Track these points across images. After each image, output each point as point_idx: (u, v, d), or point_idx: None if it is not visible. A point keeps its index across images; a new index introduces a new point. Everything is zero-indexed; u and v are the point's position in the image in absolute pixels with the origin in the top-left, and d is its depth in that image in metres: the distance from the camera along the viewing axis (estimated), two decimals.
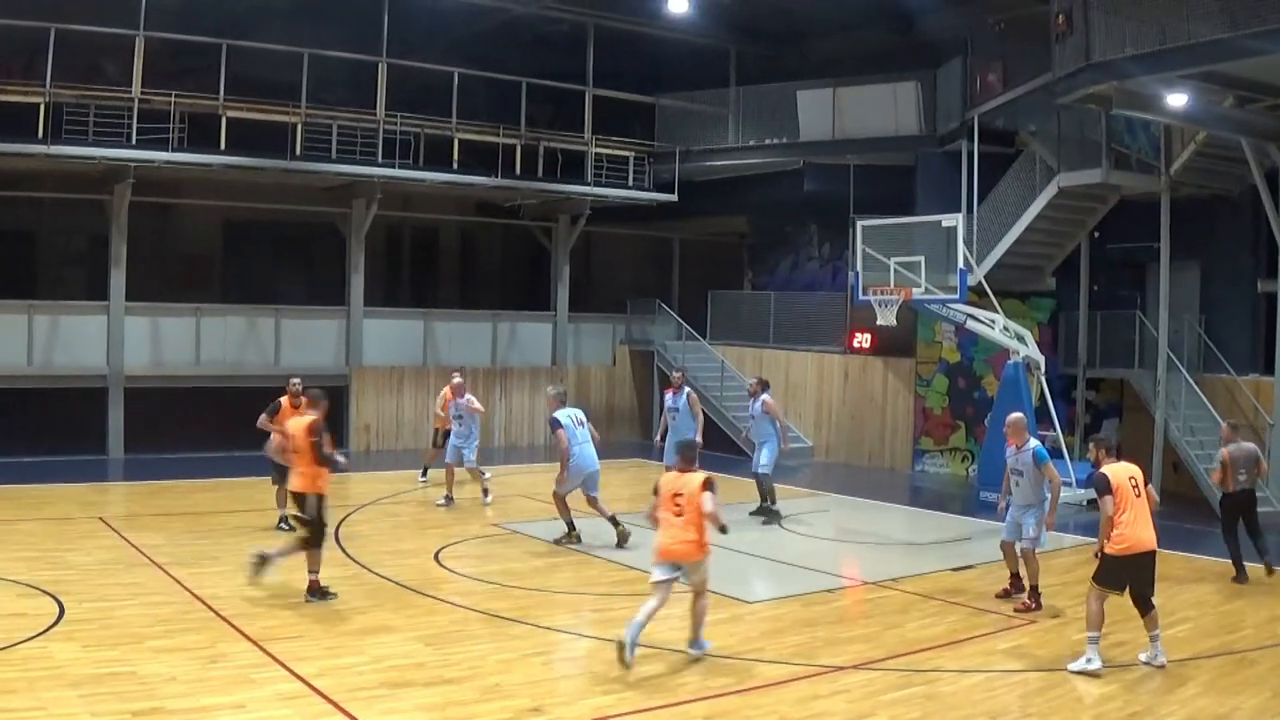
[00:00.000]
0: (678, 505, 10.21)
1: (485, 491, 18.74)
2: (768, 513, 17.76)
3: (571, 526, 15.67)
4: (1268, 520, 18.61)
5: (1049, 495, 13.01)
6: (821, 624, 11.81)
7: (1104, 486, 10.34)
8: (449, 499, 18.36)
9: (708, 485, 10.13)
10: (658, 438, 19.29)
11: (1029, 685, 9.85)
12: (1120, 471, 10.52)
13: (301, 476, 12.26)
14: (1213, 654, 10.92)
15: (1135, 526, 10.25)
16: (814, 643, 11.06)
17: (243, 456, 19.35)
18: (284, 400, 15.65)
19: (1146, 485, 10.60)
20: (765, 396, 18.34)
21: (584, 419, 15.69)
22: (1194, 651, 10.97)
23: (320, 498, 12.13)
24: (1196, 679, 10.06)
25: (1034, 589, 12.64)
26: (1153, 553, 10.40)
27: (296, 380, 16.08)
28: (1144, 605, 10.41)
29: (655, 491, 10.48)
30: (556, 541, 15.48)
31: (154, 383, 23.17)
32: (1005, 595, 13.00)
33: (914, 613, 12.50)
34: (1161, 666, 10.21)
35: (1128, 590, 10.39)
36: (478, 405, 19.15)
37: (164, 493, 18.65)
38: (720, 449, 22.98)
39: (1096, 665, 10.09)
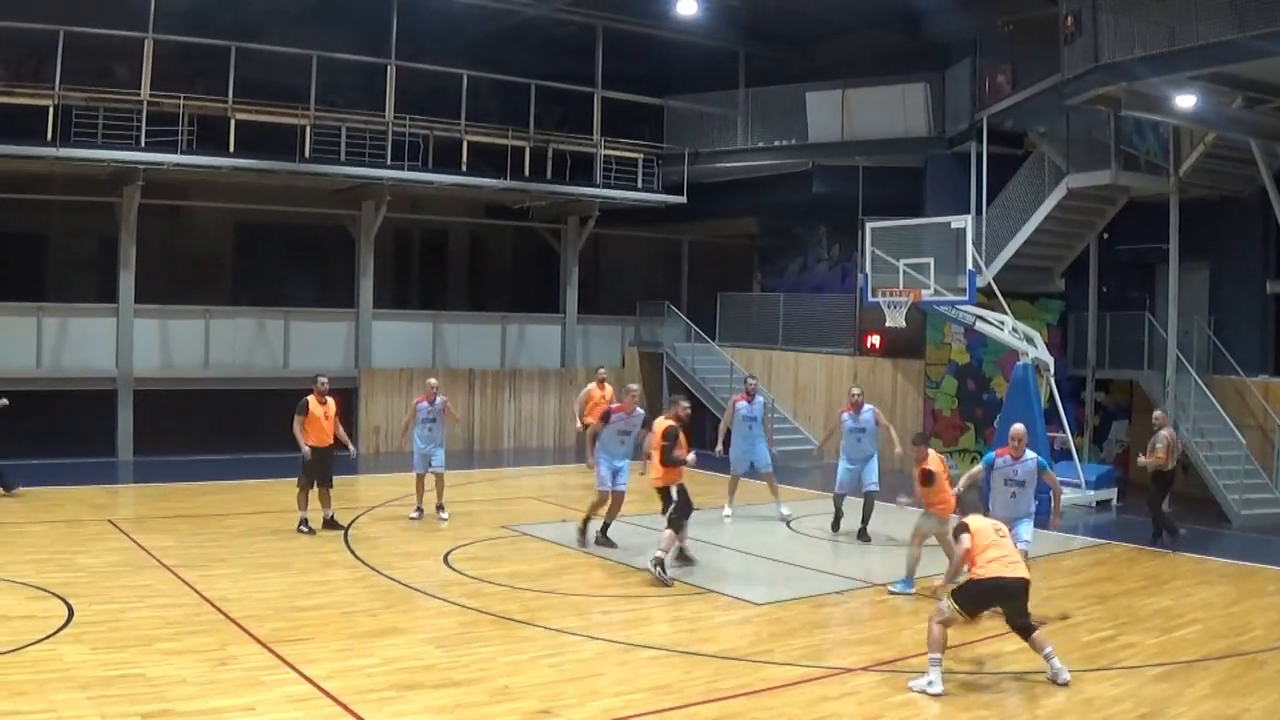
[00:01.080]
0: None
1: (441, 507, 17.35)
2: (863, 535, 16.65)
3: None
4: (1269, 521, 18.68)
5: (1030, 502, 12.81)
6: (831, 626, 11.81)
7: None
8: (420, 511, 17.23)
9: None
10: (719, 447, 18.93)
11: (1038, 686, 9.82)
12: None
13: (663, 475, 14.12)
14: (1222, 655, 10.89)
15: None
16: (823, 644, 11.06)
17: (252, 458, 19.41)
18: (311, 399, 15.75)
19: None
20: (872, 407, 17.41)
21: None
22: (1203, 653, 10.95)
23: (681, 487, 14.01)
24: (1205, 680, 10.04)
25: None
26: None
27: (324, 379, 16.20)
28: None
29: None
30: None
31: (163, 385, 23.21)
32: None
33: (924, 614, 12.46)
34: (1065, 684, 9.82)
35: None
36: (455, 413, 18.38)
37: (173, 495, 18.67)
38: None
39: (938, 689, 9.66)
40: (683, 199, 27.78)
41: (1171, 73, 16.57)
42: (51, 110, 20.67)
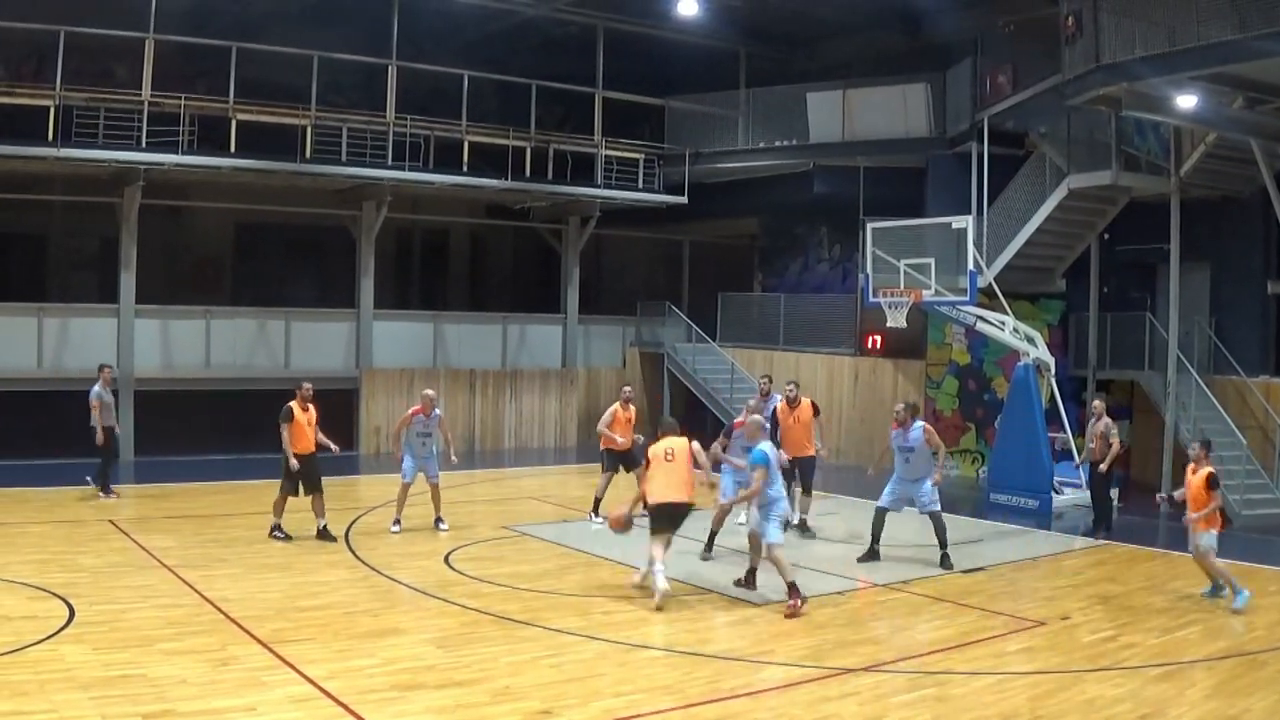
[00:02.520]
0: None
1: (440, 519, 16.74)
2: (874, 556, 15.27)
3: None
4: (1270, 521, 18.67)
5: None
6: (832, 626, 11.79)
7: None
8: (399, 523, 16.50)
9: None
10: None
11: (1039, 687, 9.82)
12: None
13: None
14: (1223, 656, 10.89)
15: None
16: (824, 645, 11.04)
17: (253, 459, 19.40)
18: (295, 405, 15.41)
19: None
20: (923, 422, 15.51)
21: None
22: (1204, 653, 10.95)
23: None
24: (1206, 681, 10.05)
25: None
26: None
27: (309, 385, 15.83)
28: None
29: None
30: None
31: (164, 385, 23.20)
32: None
33: (924, 615, 12.49)
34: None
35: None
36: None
37: (174, 495, 18.68)
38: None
39: None
40: (683, 199, 27.79)
41: (1172, 73, 16.57)
42: (52, 110, 20.68)
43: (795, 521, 16.81)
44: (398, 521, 16.33)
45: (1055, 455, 20.59)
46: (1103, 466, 17.42)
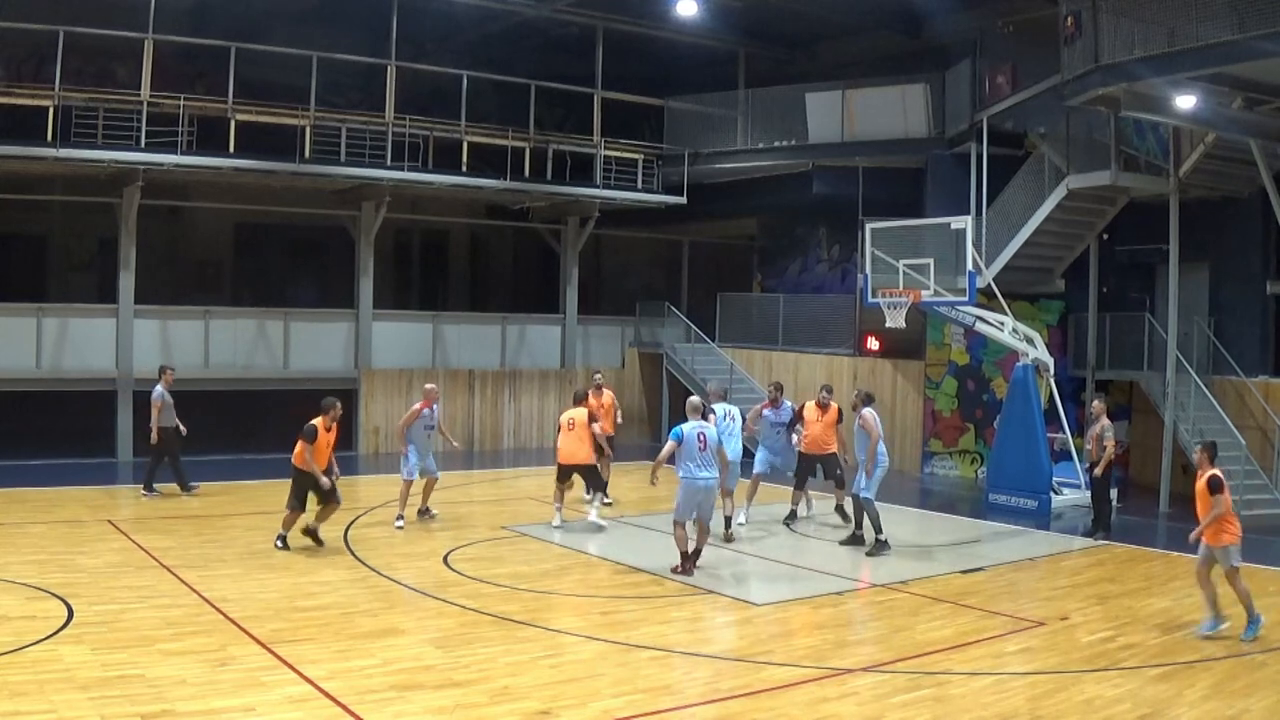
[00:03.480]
0: None
1: (427, 509, 17.37)
2: (857, 540, 16.01)
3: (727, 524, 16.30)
4: (1269, 521, 18.67)
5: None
6: (831, 626, 11.80)
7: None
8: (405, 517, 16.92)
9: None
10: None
11: (1038, 688, 9.83)
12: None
13: None
14: (1222, 656, 10.90)
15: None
16: (823, 645, 11.05)
17: (252, 459, 19.41)
18: (319, 424, 14.62)
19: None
20: (865, 410, 15.97)
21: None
22: (1203, 654, 10.96)
23: None
24: (1205, 681, 10.05)
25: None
26: None
27: (338, 407, 15.11)
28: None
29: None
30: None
31: None
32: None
33: (923, 615, 12.49)
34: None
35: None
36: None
37: (173, 496, 18.64)
38: None
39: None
40: (683, 200, 27.79)
41: (1171, 73, 16.58)
42: (52, 111, 20.67)
43: (808, 513, 18.00)
44: (400, 518, 16.57)
45: (1054, 456, 20.60)
46: (1097, 470, 17.43)
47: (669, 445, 13.56)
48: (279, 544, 14.63)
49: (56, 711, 8.33)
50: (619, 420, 20.08)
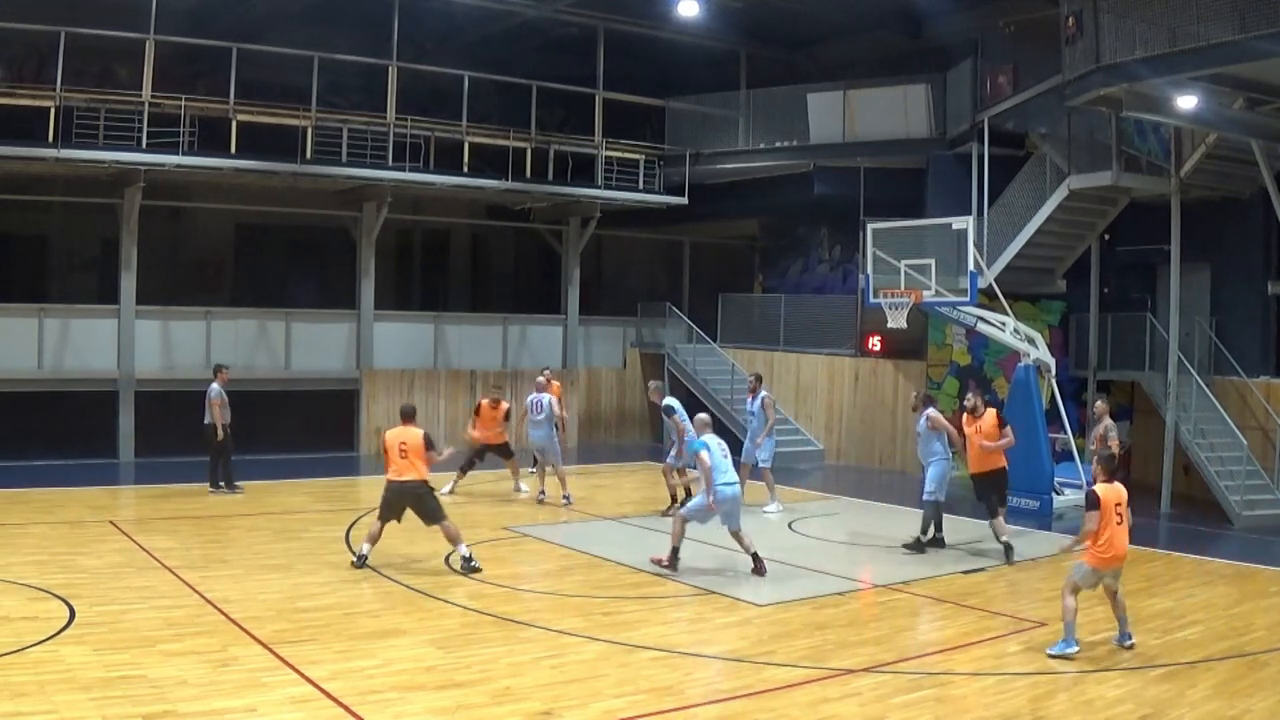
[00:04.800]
0: (1119, 514, 10.81)
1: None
2: (921, 546, 15.89)
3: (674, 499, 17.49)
4: (1270, 522, 18.68)
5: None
6: (832, 627, 11.79)
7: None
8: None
9: None
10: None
11: (1040, 688, 9.82)
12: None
13: None
14: (1223, 656, 10.89)
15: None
16: (825, 646, 11.04)
17: (253, 460, 19.41)
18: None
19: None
20: (930, 411, 16.30)
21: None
22: (1204, 654, 10.95)
23: None
24: (1207, 681, 10.04)
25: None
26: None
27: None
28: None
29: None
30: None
31: (164, 386, 23.19)
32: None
33: (925, 615, 12.49)
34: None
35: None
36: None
37: (174, 496, 18.66)
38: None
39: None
40: (684, 200, 27.79)
41: (1173, 74, 16.57)
42: (53, 111, 20.67)
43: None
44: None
45: (1056, 456, 20.59)
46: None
47: (703, 456, 13.61)
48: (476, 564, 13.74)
49: (58, 712, 8.33)
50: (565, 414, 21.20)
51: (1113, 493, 10.82)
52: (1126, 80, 16.98)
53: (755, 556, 13.80)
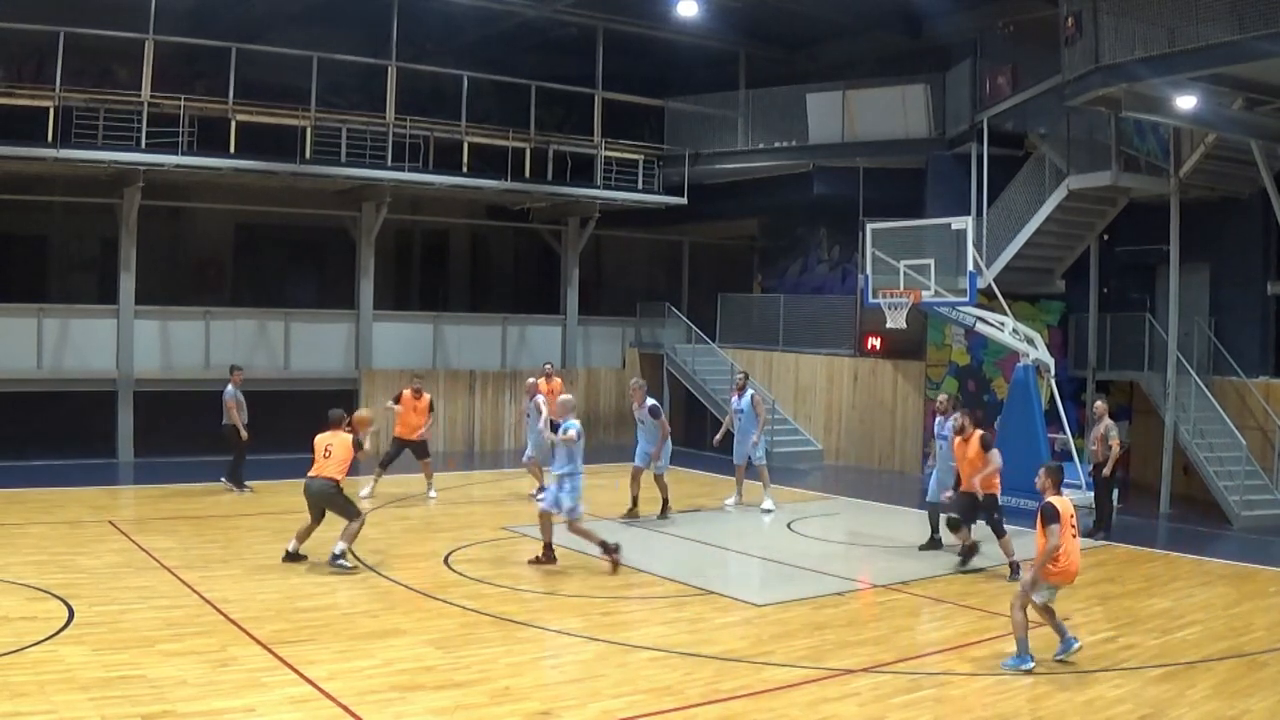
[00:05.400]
0: (1073, 526, 10.48)
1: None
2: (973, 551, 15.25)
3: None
4: (1269, 522, 18.69)
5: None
6: (831, 627, 11.80)
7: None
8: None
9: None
10: (717, 438, 19.62)
11: (1039, 688, 9.83)
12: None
13: None
14: (1222, 656, 10.90)
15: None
16: (824, 646, 11.05)
17: (253, 460, 19.38)
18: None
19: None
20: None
21: None
22: (1203, 654, 10.95)
23: None
24: (1206, 682, 10.04)
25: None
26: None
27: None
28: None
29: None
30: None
31: (163, 386, 23.20)
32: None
33: (924, 616, 12.50)
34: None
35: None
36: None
37: (174, 496, 18.67)
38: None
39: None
40: (683, 200, 27.79)
41: (1172, 74, 16.56)
42: (52, 111, 20.66)
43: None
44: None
45: (1055, 456, 20.57)
46: (1105, 470, 17.41)
47: (572, 435, 14.08)
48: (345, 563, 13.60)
49: (57, 712, 8.33)
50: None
51: (1066, 505, 10.52)
52: (1126, 80, 16.98)
53: (605, 544, 14.01)
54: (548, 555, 14.12)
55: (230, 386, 19.07)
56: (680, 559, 14.82)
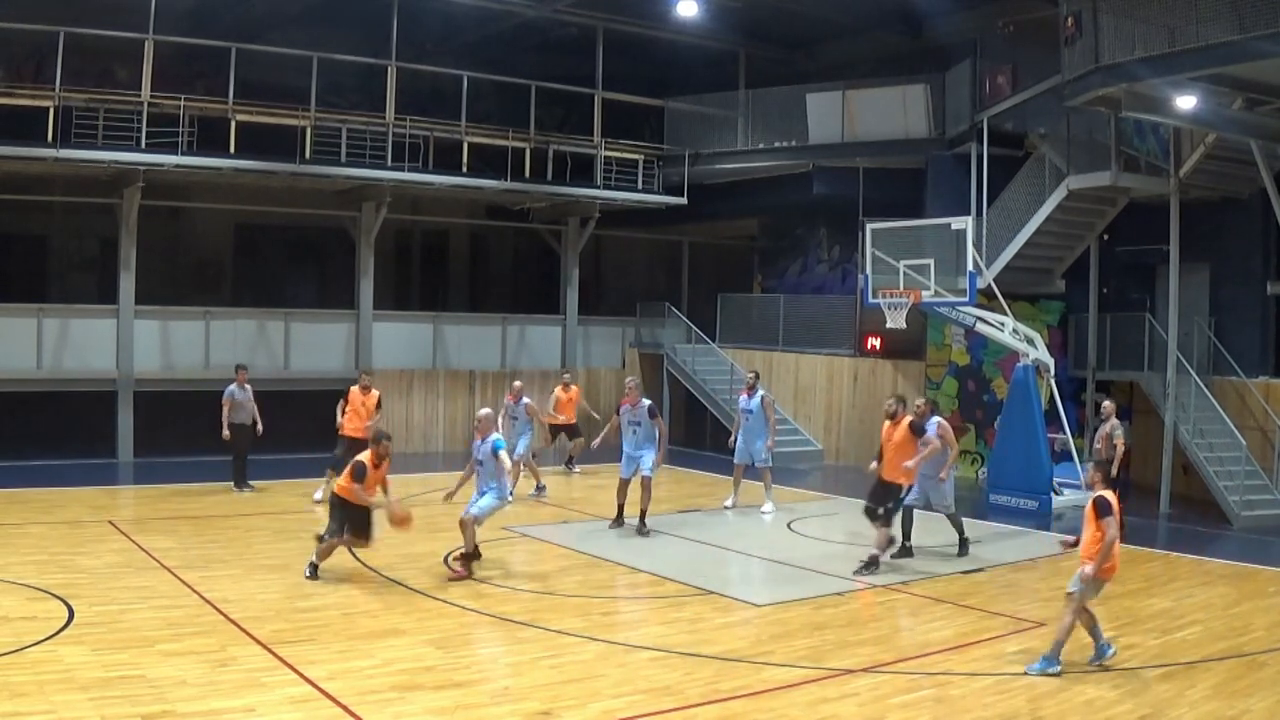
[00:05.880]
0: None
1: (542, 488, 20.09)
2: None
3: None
4: (1269, 522, 18.68)
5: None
6: (831, 627, 11.79)
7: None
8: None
9: None
10: (732, 441, 19.34)
11: (1038, 688, 9.82)
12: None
13: None
14: (1222, 656, 10.89)
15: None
16: (823, 646, 11.05)
17: (253, 460, 19.38)
18: (367, 461, 13.86)
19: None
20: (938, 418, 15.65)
21: None
22: (1203, 654, 10.95)
23: None
24: (1206, 682, 10.04)
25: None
26: None
27: (387, 440, 14.34)
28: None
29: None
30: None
31: (163, 386, 23.21)
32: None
33: (924, 616, 12.49)
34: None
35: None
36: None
37: (173, 496, 18.67)
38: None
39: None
40: (683, 200, 27.79)
41: (1172, 74, 16.57)
42: (52, 111, 20.66)
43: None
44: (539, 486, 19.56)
45: (1055, 456, 20.60)
46: (1113, 472, 17.37)
47: (504, 455, 14.01)
48: (309, 573, 13.21)
49: (57, 712, 8.33)
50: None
51: (1115, 498, 10.41)
52: (1125, 80, 16.98)
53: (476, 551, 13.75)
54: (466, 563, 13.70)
55: (231, 385, 19.05)
56: (680, 559, 14.82)
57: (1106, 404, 18.25)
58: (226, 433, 18.84)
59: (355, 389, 18.59)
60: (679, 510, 18.24)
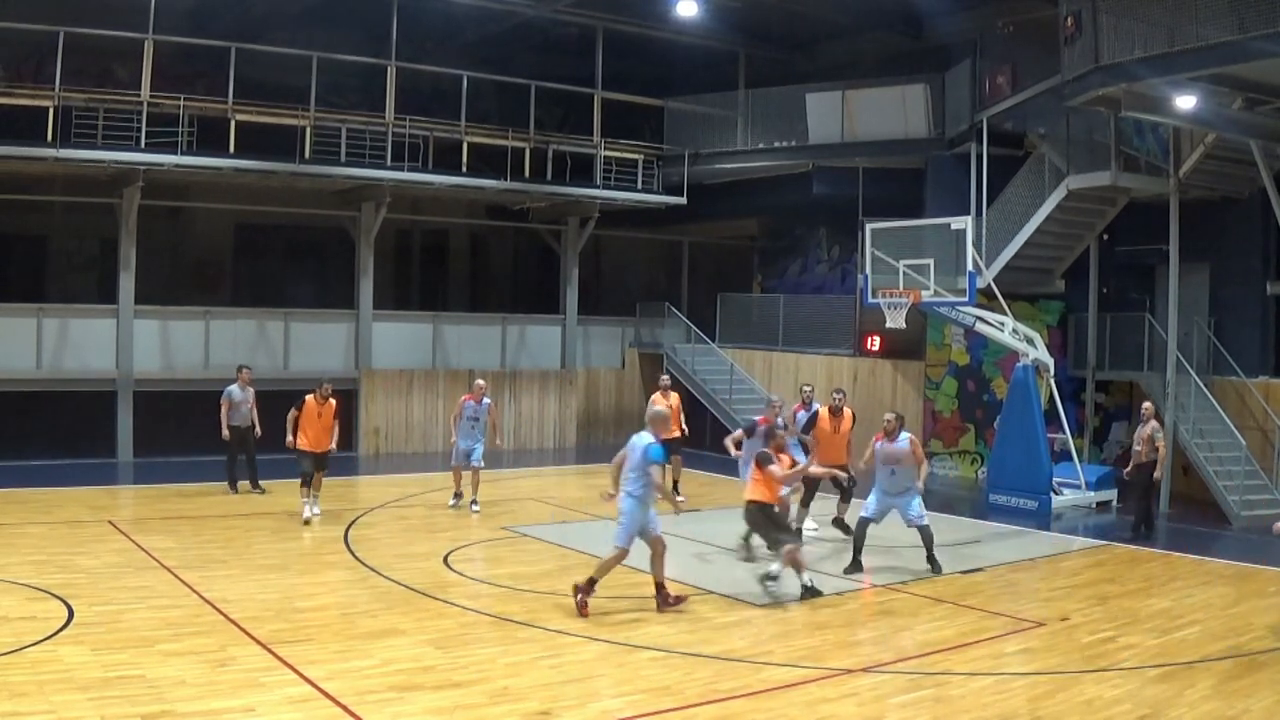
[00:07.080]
0: None
1: (475, 501, 18.16)
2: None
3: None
4: (1269, 522, 18.65)
5: None
6: (831, 627, 11.80)
7: None
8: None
9: None
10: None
11: (1038, 688, 9.82)
12: None
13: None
14: (1222, 656, 10.89)
15: None
16: (823, 645, 11.05)
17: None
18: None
19: None
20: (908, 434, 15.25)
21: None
22: (1203, 654, 10.95)
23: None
24: (1205, 681, 10.04)
25: None
26: None
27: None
28: None
29: None
30: None
31: (163, 386, 23.21)
32: None
33: (923, 616, 12.48)
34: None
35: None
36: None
37: (173, 496, 18.67)
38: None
39: None
40: (683, 200, 27.79)
41: (1171, 74, 16.57)
42: (52, 111, 20.67)
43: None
44: (457, 495, 18.32)
45: (1054, 456, 20.61)
46: (1156, 474, 17.68)
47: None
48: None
49: (56, 712, 8.33)
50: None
51: None
52: (1125, 80, 16.98)
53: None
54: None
55: (232, 385, 19.08)
56: (680, 559, 14.80)
57: (1146, 405, 18.27)
58: (226, 433, 18.82)
59: (311, 398, 17.18)
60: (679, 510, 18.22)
